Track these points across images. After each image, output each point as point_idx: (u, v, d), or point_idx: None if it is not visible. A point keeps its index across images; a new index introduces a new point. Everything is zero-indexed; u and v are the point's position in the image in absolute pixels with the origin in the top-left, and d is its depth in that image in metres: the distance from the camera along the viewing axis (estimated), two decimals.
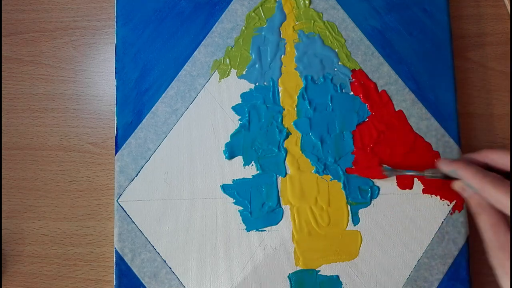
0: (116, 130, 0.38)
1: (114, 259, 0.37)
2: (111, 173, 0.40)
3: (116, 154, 0.38)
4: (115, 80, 0.39)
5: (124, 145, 0.38)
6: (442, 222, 0.38)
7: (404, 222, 0.38)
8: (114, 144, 0.39)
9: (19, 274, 0.39)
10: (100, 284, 0.39)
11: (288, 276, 0.37)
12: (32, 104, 0.41)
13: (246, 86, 0.39)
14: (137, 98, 0.39)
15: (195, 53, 0.39)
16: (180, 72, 0.39)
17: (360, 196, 0.38)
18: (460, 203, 0.38)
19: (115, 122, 0.38)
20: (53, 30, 0.42)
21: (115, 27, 0.40)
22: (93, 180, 0.40)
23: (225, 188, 0.38)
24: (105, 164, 0.40)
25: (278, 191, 0.38)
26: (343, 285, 0.37)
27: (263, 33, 0.40)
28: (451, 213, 0.38)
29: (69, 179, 0.40)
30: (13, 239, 0.39)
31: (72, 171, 0.40)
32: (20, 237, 0.39)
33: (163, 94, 0.39)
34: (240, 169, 0.38)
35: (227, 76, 0.39)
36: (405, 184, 0.38)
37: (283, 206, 0.38)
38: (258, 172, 0.38)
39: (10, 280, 0.39)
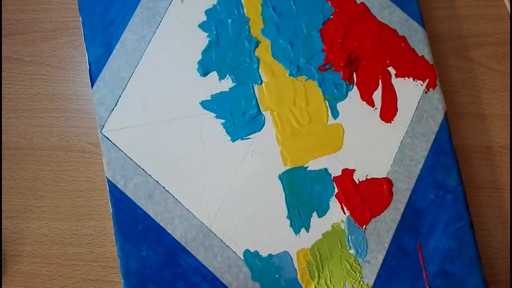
0: (89, 65, 0.39)
1: (108, 188, 0.37)
2: None
3: (92, 87, 0.38)
4: (79, 17, 0.39)
5: (99, 77, 0.39)
6: (419, 101, 0.39)
7: None
8: None
9: (19, 274, 0.39)
10: (100, 284, 0.39)
11: (278, 177, 0.38)
12: (32, 104, 0.41)
13: (209, 2, 0.40)
14: (104, 31, 0.39)
15: None
16: None
17: (336, 90, 0.39)
18: (432, 81, 0.39)
19: (86, 57, 0.39)
20: (53, 30, 0.42)
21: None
22: (93, 180, 0.40)
23: (204, 104, 0.39)
24: None
25: (256, 99, 0.39)
26: (332, 176, 0.38)
27: None
28: (426, 92, 0.39)
29: (69, 179, 0.40)
30: (13, 239, 0.40)
31: (72, 171, 0.41)
32: (20, 237, 0.40)
33: (129, 23, 0.39)
34: (216, 84, 0.39)
35: None
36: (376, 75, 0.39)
37: (263, 112, 0.39)
38: (234, 84, 0.39)
39: (10, 280, 0.39)
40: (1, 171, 0.40)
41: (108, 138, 0.38)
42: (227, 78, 0.39)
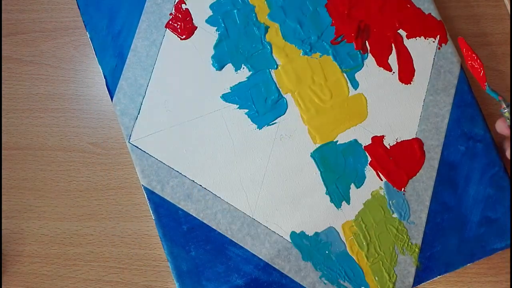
0: (105, 78, 0.39)
1: (145, 195, 0.37)
2: (111, 173, 0.40)
3: (112, 100, 0.38)
4: (87, 33, 0.39)
5: (117, 89, 0.39)
6: (434, 58, 0.39)
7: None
8: (114, 144, 0.40)
9: (19, 274, 0.39)
10: (100, 284, 0.39)
11: (310, 156, 0.38)
12: (32, 104, 0.41)
13: None
14: (113, 42, 0.39)
15: None
16: (145, 4, 0.39)
17: (351, 61, 0.39)
18: (443, 36, 0.40)
19: (101, 71, 0.39)
20: (53, 30, 0.42)
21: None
22: (93, 180, 0.40)
23: (225, 97, 0.39)
24: (105, 164, 0.40)
25: (275, 84, 0.39)
26: (363, 145, 0.38)
27: None
28: (439, 48, 0.39)
29: (69, 179, 0.40)
30: (13, 239, 0.40)
31: (72, 171, 0.41)
32: (20, 237, 0.40)
33: (137, 30, 0.39)
34: (234, 75, 0.39)
35: None
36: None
37: (284, 96, 0.39)
38: (251, 72, 0.39)
39: (10, 280, 0.39)
40: (1, 171, 0.40)
41: (137, 147, 0.38)
42: (243, 67, 0.39)
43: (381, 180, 0.38)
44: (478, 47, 0.42)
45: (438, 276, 0.37)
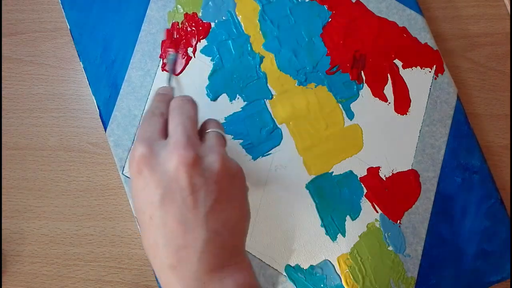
0: (98, 108, 0.38)
1: (139, 228, 0.37)
2: (111, 173, 0.40)
3: (105, 131, 0.38)
4: (80, 63, 0.39)
5: (111, 119, 0.38)
6: (430, 88, 0.39)
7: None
8: None
9: (19, 274, 0.39)
10: (100, 284, 0.39)
11: (306, 187, 0.38)
12: (32, 104, 0.41)
13: None
14: (107, 72, 0.39)
15: (147, 11, 0.39)
16: (139, 34, 0.39)
17: (347, 92, 0.39)
18: (440, 66, 0.39)
19: (94, 101, 0.38)
20: (53, 30, 0.42)
21: (64, 13, 0.40)
22: (93, 180, 0.40)
23: None
24: (105, 164, 0.40)
25: (270, 114, 0.39)
26: (358, 177, 0.38)
27: None
28: (435, 78, 0.39)
29: (69, 179, 0.40)
30: (13, 239, 0.39)
31: (72, 171, 0.40)
32: (20, 237, 0.39)
33: (131, 60, 0.39)
34: (228, 106, 0.39)
35: None
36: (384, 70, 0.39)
37: (279, 126, 0.39)
38: (245, 102, 0.39)
39: (10, 280, 0.39)
40: (1, 171, 0.40)
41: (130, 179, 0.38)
42: (238, 98, 0.39)
43: (377, 212, 0.38)
44: (478, 47, 0.42)
45: None
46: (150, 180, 0.25)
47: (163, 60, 0.39)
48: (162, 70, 0.39)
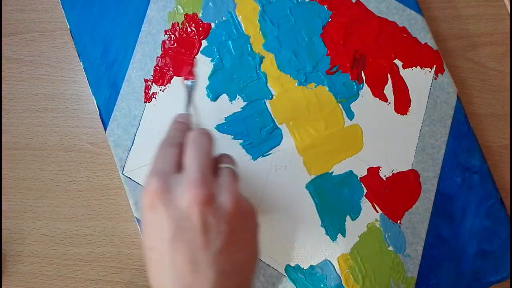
0: (98, 108, 0.38)
1: (138, 228, 0.37)
2: (111, 173, 0.40)
3: (106, 130, 0.38)
4: (80, 63, 0.39)
5: (111, 119, 0.38)
6: (430, 88, 0.39)
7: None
8: None
9: (19, 274, 0.39)
10: (100, 284, 0.39)
11: (305, 187, 0.38)
12: (32, 104, 0.41)
13: None
14: (107, 72, 0.39)
15: (147, 12, 0.39)
16: (140, 34, 0.39)
17: (347, 92, 0.39)
18: (440, 66, 0.39)
19: (94, 101, 0.39)
20: (53, 30, 0.42)
21: (63, 13, 0.40)
22: (93, 180, 0.40)
23: (219, 127, 0.39)
24: (105, 164, 0.40)
25: (270, 114, 0.39)
26: (358, 177, 0.38)
27: None
28: (435, 78, 0.39)
29: (68, 179, 0.40)
30: (13, 239, 0.39)
31: (72, 171, 0.40)
32: (20, 237, 0.39)
33: (131, 60, 0.39)
34: (228, 106, 0.39)
35: None
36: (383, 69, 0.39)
37: (279, 126, 0.39)
38: (246, 102, 0.39)
39: (10, 280, 0.39)
40: (1, 171, 0.40)
41: (130, 179, 0.38)
42: (238, 98, 0.39)
43: (377, 212, 0.38)
44: (478, 47, 0.42)
45: None
46: (162, 215, 0.25)
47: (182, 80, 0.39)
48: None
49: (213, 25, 0.39)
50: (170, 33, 0.39)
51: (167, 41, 0.39)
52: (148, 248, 0.26)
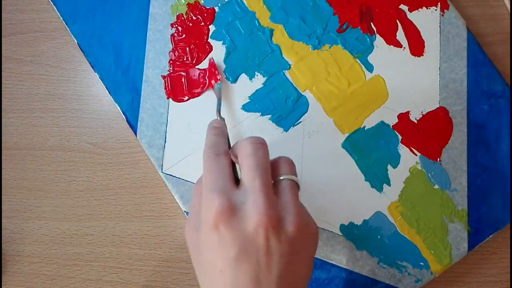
0: (124, 115, 0.38)
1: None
2: (111, 173, 0.40)
3: (136, 135, 0.38)
4: (96, 74, 0.39)
5: (138, 122, 0.38)
6: (440, 26, 0.40)
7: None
8: (114, 144, 0.40)
9: (19, 274, 0.39)
10: (100, 284, 0.39)
11: (342, 146, 0.38)
12: (32, 104, 0.41)
13: None
14: (124, 77, 0.39)
15: (150, 10, 0.39)
16: (147, 33, 0.39)
17: (361, 46, 0.39)
18: (444, 2, 0.40)
19: (119, 109, 0.39)
20: (53, 30, 0.42)
21: (68, 29, 0.40)
22: (93, 180, 0.40)
23: (246, 107, 0.39)
24: (105, 164, 0.40)
25: (292, 84, 0.39)
26: (390, 125, 0.39)
27: None
28: (442, 15, 0.40)
29: (69, 179, 0.40)
30: (13, 239, 0.39)
31: (72, 171, 0.40)
32: (20, 237, 0.39)
33: (145, 60, 0.39)
34: (249, 84, 0.39)
35: None
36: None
37: (303, 93, 0.39)
38: (265, 78, 0.39)
39: (10, 280, 0.39)
40: (1, 171, 0.40)
41: (171, 175, 0.38)
42: (257, 75, 0.39)
43: (416, 155, 0.38)
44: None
45: (490, 236, 0.38)
46: (226, 237, 0.25)
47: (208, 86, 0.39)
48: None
49: (216, 8, 0.40)
50: (176, 25, 0.39)
51: (175, 34, 0.39)
52: (208, 265, 0.26)
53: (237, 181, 0.28)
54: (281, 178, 0.28)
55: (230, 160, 0.28)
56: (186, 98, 0.39)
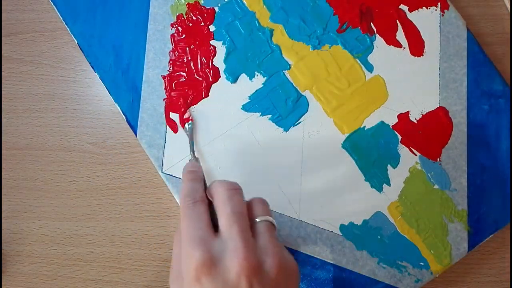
0: (124, 115, 0.38)
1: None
2: (111, 173, 0.40)
3: (136, 135, 0.38)
4: (96, 74, 0.39)
5: (139, 122, 0.38)
6: (439, 26, 0.40)
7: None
8: (114, 144, 0.40)
9: (19, 274, 0.39)
10: (100, 284, 0.39)
11: (342, 146, 0.38)
12: (32, 104, 0.41)
13: None
14: (124, 77, 0.39)
15: (150, 10, 0.39)
16: (147, 33, 0.39)
17: (361, 46, 0.39)
18: (444, 2, 0.40)
19: (119, 108, 0.39)
20: (53, 30, 0.42)
21: (68, 29, 0.40)
22: (93, 180, 0.40)
23: (245, 107, 0.39)
24: (105, 164, 0.40)
25: (292, 84, 0.39)
26: (390, 125, 0.39)
27: None
28: (442, 15, 0.40)
29: (69, 179, 0.40)
30: (13, 239, 0.39)
31: (72, 171, 0.40)
32: (20, 237, 0.39)
33: (145, 60, 0.39)
34: (249, 84, 0.39)
35: None
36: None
37: (303, 93, 0.39)
38: (265, 78, 0.39)
39: (10, 280, 0.39)
40: (1, 171, 0.40)
41: (171, 175, 0.38)
42: (257, 75, 0.39)
43: (415, 155, 0.38)
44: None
45: (490, 236, 0.38)
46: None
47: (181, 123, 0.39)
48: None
49: (216, 8, 0.40)
50: (176, 25, 0.39)
51: (175, 34, 0.39)
52: None
53: (215, 224, 0.28)
54: (257, 220, 0.29)
55: (207, 207, 0.29)
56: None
